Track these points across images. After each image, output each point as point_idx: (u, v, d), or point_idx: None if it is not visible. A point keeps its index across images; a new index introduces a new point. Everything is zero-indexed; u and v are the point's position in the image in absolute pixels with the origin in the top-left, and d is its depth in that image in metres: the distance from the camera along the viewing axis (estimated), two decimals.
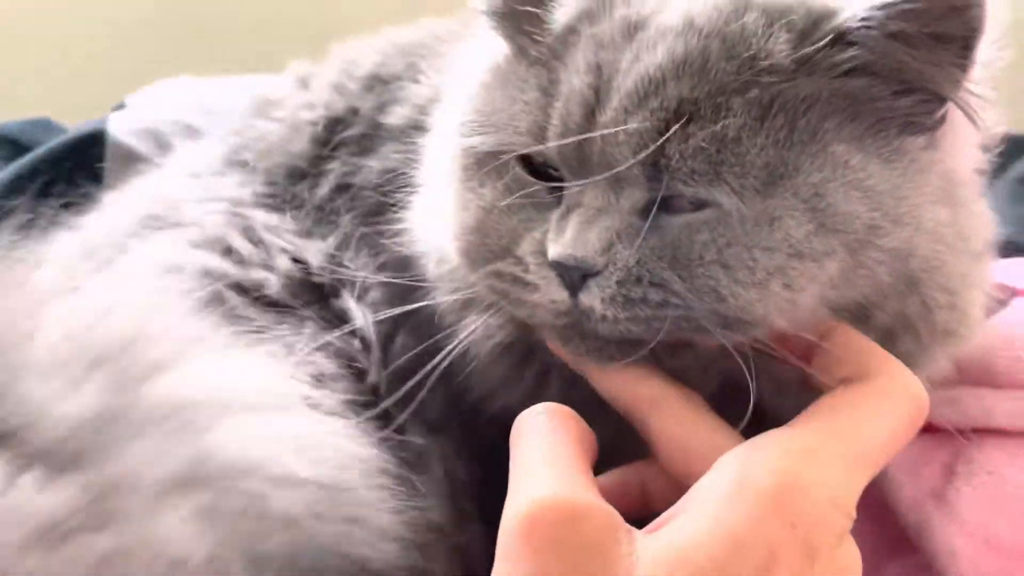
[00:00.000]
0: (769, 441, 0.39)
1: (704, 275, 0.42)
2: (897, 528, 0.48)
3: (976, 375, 0.49)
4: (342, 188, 0.65)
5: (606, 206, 0.44)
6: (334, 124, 0.67)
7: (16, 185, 0.86)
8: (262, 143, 0.69)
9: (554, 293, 0.44)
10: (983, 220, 0.50)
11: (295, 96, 0.71)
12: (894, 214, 0.43)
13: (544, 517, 0.36)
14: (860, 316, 0.45)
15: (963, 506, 0.46)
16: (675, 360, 0.46)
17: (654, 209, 0.43)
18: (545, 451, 0.40)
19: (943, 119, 0.45)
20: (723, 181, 0.42)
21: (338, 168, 0.66)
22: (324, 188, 0.66)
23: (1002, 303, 0.53)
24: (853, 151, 0.43)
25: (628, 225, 0.43)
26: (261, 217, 0.64)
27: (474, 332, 0.50)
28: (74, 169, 0.89)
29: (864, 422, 0.39)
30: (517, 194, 0.46)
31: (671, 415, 0.42)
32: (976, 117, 0.44)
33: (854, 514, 0.38)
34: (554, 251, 0.44)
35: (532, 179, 0.46)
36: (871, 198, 0.43)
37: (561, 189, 0.45)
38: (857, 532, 0.51)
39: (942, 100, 0.44)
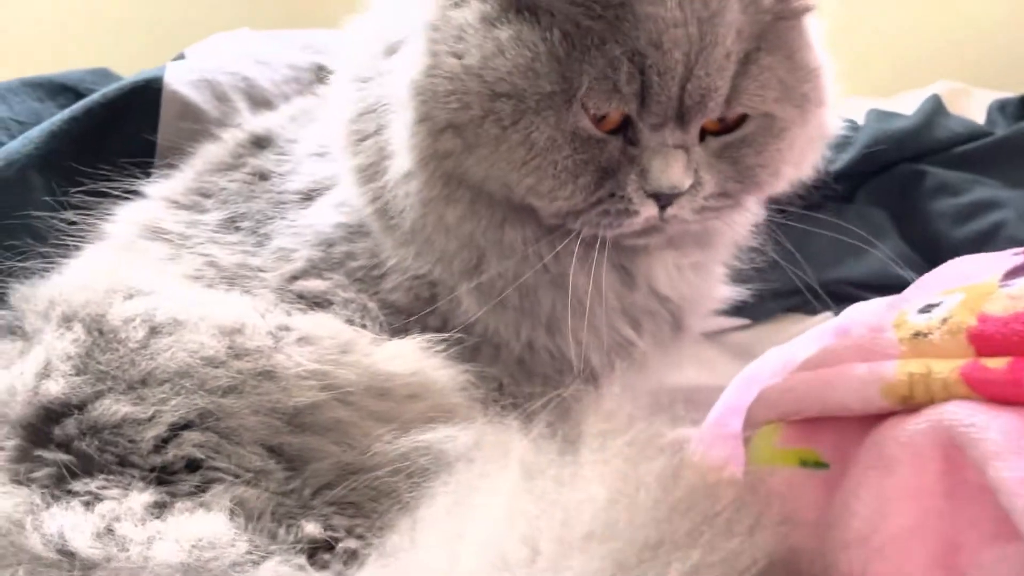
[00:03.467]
0: None
1: (752, 176, 0.64)
2: (998, 511, 0.43)
3: None
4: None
5: (680, 142, 0.60)
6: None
7: (69, 128, 0.85)
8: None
9: (650, 212, 0.61)
10: None
11: None
12: (823, 77, 0.65)
13: None
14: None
15: None
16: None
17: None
18: None
19: None
20: (767, 98, 0.61)
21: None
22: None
23: None
24: (804, 46, 0.63)
25: (698, 153, 0.61)
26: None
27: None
28: (128, 116, 0.87)
29: None
30: (595, 153, 0.60)
31: None
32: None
33: None
34: (659, 186, 0.60)
35: (604, 135, 0.60)
36: (819, 79, 0.64)
37: (631, 140, 0.60)
38: (955, 513, 0.46)
39: None
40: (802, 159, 0.68)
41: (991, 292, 0.51)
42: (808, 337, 0.84)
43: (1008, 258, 0.55)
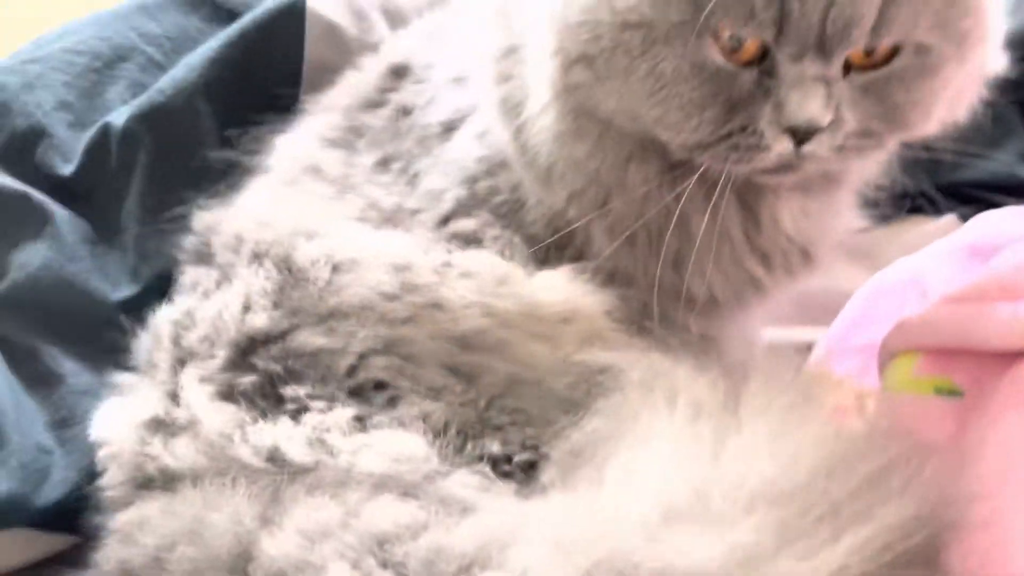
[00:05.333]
0: None
1: (900, 115, 0.62)
2: None
3: None
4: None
5: (820, 75, 0.58)
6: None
7: (228, 53, 0.89)
8: None
9: (783, 148, 0.60)
10: None
11: None
12: (989, 23, 0.62)
13: None
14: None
15: None
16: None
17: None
18: None
19: None
20: (919, 27, 0.58)
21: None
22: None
23: None
24: None
25: (840, 87, 0.59)
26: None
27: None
28: (276, 38, 0.91)
29: None
30: (724, 85, 0.59)
31: None
32: None
33: None
34: (794, 120, 0.58)
35: (737, 67, 0.59)
36: (981, 18, 0.61)
37: (765, 59, 0.59)
38: None
39: None
40: (957, 100, 0.66)
41: None
42: (938, 251, 0.86)
43: None
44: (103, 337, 0.74)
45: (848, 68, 0.60)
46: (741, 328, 0.77)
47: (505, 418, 0.61)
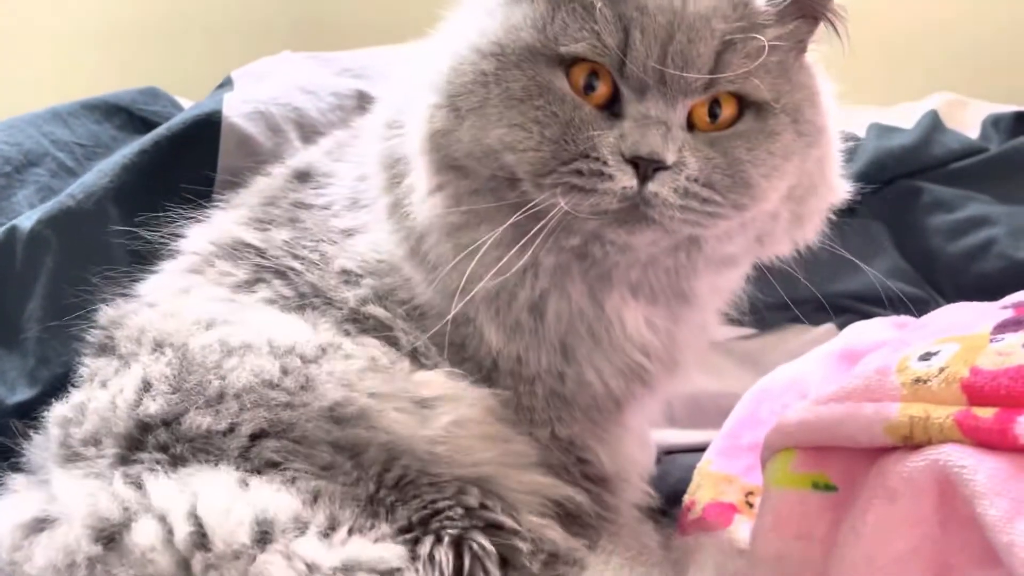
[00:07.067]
0: None
1: (741, 172, 0.64)
2: (985, 540, 0.51)
3: None
4: None
5: (663, 117, 0.61)
6: None
7: (140, 160, 0.92)
8: None
9: (627, 181, 0.61)
10: None
11: None
12: (825, 112, 0.68)
13: None
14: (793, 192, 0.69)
15: None
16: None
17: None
18: None
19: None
20: (753, 80, 0.63)
21: None
22: None
23: None
24: (803, 72, 0.67)
25: (684, 134, 0.62)
26: None
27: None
28: (192, 146, 0.94)
29: None
30: (568, 109, 0.62)
31: None
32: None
33: None
34: (636, 149, 0.60)
35: (582, 99, 0.63)
36: (818, 106, 0.67)
37: (615, 104, 0.62)
38: (948, 540, 0.54)
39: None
40: (806, 220, 0.71)
41: (982, 346, 0.59)
42: (815, 357, 0.93)
43: (997, 311, 0.63)
44: None
45: (693, 128, 0.64)
46: (633, 429, 0.80)
47: (394, 495, 0.64)
